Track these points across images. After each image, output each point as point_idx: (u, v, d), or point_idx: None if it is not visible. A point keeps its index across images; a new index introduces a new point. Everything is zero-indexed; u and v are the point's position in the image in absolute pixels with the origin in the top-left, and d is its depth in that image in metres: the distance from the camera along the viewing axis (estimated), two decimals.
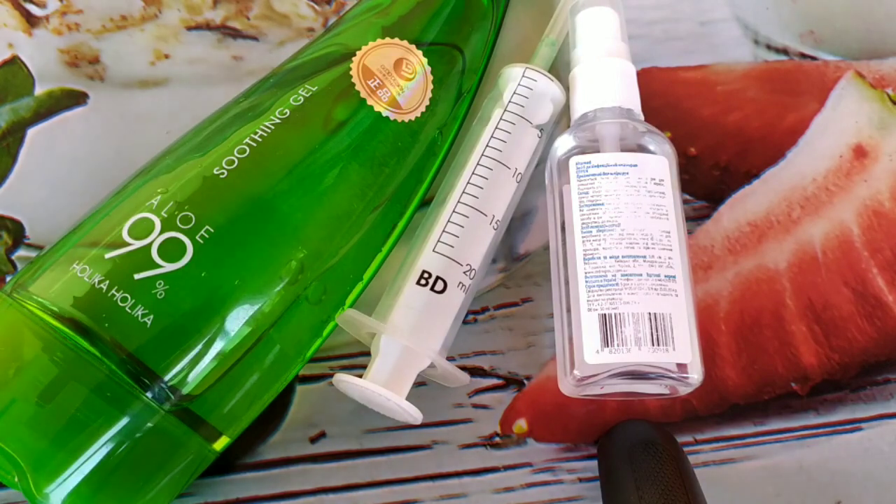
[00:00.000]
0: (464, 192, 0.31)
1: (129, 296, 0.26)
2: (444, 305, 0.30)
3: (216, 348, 0.27)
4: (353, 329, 0.31)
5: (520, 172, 0.32)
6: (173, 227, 0.27)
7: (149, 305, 0.26)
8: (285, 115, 0.29)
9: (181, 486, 0.28)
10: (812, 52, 0.38)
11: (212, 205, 0.27)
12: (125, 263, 0.26)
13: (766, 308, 0.34)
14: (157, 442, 0.26)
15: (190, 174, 0.28)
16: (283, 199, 0.28)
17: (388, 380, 0.29)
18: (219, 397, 0.27)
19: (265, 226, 0.28)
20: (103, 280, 0.26)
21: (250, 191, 0.28)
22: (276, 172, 0.28)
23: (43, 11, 0.36)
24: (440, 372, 0.30)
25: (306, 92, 0.30)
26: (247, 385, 0.28)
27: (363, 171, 0.30)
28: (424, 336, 0.29)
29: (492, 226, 0.31)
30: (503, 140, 0.32)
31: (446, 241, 0.30)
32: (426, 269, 0.30)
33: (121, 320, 0.25)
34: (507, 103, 0.33)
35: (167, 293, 0.26)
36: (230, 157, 0.28)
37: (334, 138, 0.30)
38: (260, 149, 0.28)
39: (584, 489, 0.32)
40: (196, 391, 0.26)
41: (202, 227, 0.27)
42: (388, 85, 0.31)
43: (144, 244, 0.26)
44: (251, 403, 0.29)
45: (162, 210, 0.27)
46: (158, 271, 0.26)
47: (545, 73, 0.33)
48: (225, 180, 0.28)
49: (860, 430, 0.33)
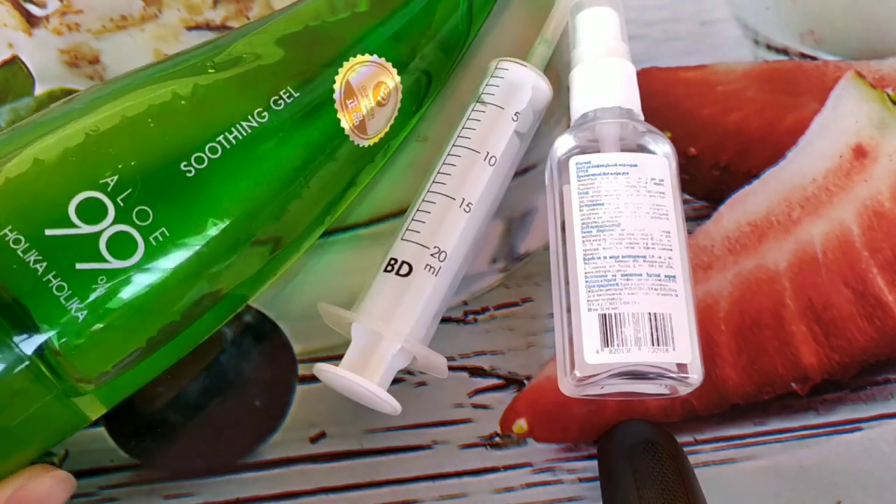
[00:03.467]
0: (433, 182, 0.31)
1: (66, 285, 0.24)
2: (410, 288, 0.30)
3: (127, 337, 0.26)
4: (336, 324, 0.31)
5: (493, 156, 0.32)
6: (128, 220, 0.25)
7: (85, 299, 0.24)
8: (263, 118, 0.28)
9: (41, 448, 0.27)
10: (812, 52, 0.38)
11: (172, 204, 0.26)
12: (68, 248, 0.24)
13: (766, 308, 0.34)
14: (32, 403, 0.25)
15: (155, 160, 0.26)
16: (234, 200, 0.27)
17: (358, 366, 0.29)
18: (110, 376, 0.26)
19: (209, 223, 0.26)
20: (41, 261, 0.24)
21: (211, 192, 0.26)
22: (244, 181, 0.27)
23: (43, 11, 0.36)
24: (421, 361, 0.30)
25: (288, 96, 0.28)
26: (140, 367, 0.27)
27: (313, 185, 0.29)
28: (392, 320, 0.29)
29: (462, 209, 0.31)
30: (473, 129, 0.32)
31: (414, 228, 0.31)
32: (393, 256, 0.30)
33: (51, 308, 0.24)
34: (480, 95, 0.33)
35: (107, 290, 0.25)
36: (200, 154, 0.26)
37: (300, 151, 0.29)
38: (231, 151, 0.27)
39: (584, 489, 0.32)
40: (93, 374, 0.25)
41: (158, 227, 0.25)
42: (363, 108, 0.30)
43: (93, 231, 0.24)
44: (136, 382, 0.28)
45: (118, 196, 0.25)
46: (104, 266, 0.25)
47: (518, 61, 0.33)
48: (190, 179, 0.26)
49: (860, 430, 0.33)
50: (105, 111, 0.26)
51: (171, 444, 0.32)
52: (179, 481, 0.31)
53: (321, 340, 0.33)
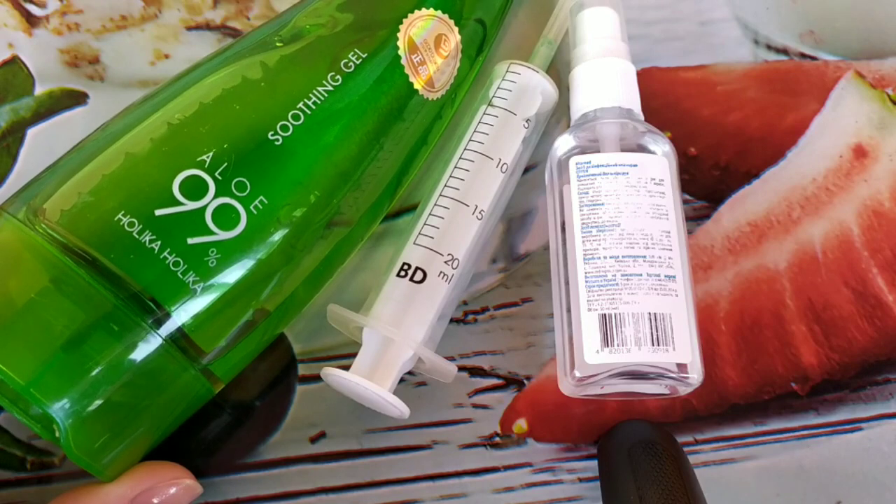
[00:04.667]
0: (446, 186, 0.31)
1: (182, 261, 0.25)
2: (424, 295, 0.30)
3: (237, 307, 0.27)
4: (343, 326, 0.31)
5: (505, 163, 0.32)
6: (228, 192, 0.26)
7: (200, 273, 0.26)
8: (337, 81, 0.29)
9: (176, 423, 0.28)
10: (812, 52, 0.38)
11: (266, 173, 0.27)
12: (178, 225, 0.26)
13: (766, 308, 0.34)
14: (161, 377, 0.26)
15: (244, 133, 0.27)
16: (321, 160, 0.28)
17: (369, 371, 0.29)
18: (225, 348, 0.27)
19: (305, 189, 0.28)
20: (155, 240, 0.25)
21: (300, 158, 0.28)
22: (322, 140, 0.28)
23: (43, 11, 0.36)
24: (428, 365, 0.30)
25: (356, 57, 0.29)
26: (249, 338, 0.28)
27: (388, 136, 0.30)
28: (405, 326, 0.29)
29: (475, 216, 0.31)
30: (486, 133, 0.32)
31: (427, 233, 0.31)
32: (406, 261, 0.30)
33: (170, 284, 0.25)
34: (491, 98, 0.33)
35: (218, 262, 0.26)
36: (284, 122, 0.28)
37: (375, 108, 0.30)
38: (312, 117, 0.28)
39: (584, 489, 0.32)
40: (210, 346, 0.27)
41: (257, 196, 0.27)
42: (428, 62, 0.31)
43: (198, 206, 0.26)
44: (247, 353, 0.29)
45: (216, 170, 0.26)
46: (212, 238, 0.26)
47: (530, 66, 0.33)
48: (279, 147, 0.27)
49: (860, 430, 0.33)
50: (180, 101, 0.28)
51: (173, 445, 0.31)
52: None
53: (321, 340, 0.33)
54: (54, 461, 0.31)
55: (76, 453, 0.25)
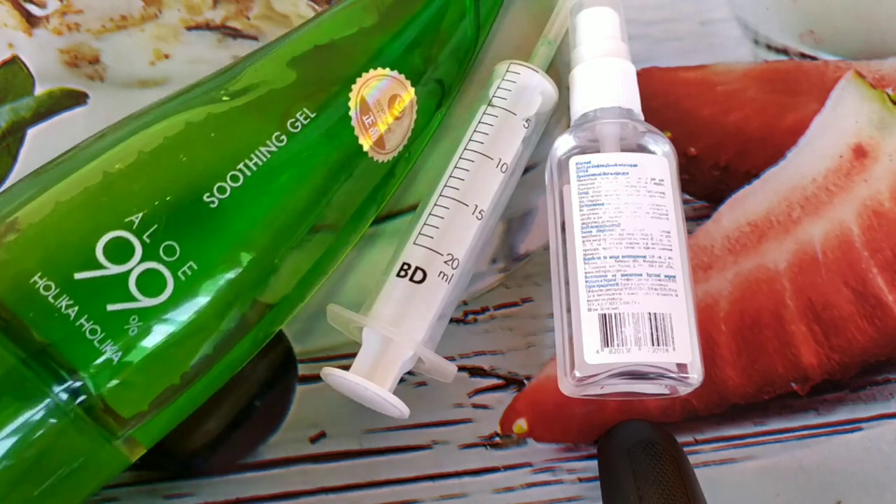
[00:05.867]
0: (445, 186, 0.31)
1: (100, 328, 0.24)
2: (424, 295, 0.30)
3: (162, 374, 0.26)
4: (343, 326, 0.31)
5: (505, 163, 0.32)
6: (155, 256, 0.25)
7: (119, 341, 0.24)
8: (281, 142, 0.27)
9: (89, 493, 0.26)
10: (812, 52, 0.38)
11: (198, 237, 0.26)
12: (98, 290, 0.24)
13: (766, 308, 0.34)
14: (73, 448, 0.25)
15: (178, 195, 0.26)
16: (260, 224, 0.27)
17: (369, 371, 0.29)
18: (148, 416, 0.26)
19: (237, 253, 0.26)
20: (72, 305, 0.24)
21: (236, 222, 0.26)
22: (261, 202, 0.27)
23: (43, 11, 0.36)
24: (428, 365, 0.30)
25: (304, 117, 0.28)
26: (177, 405, 0.27)
27: (334, 198, 0.29)
28: (405, 326, 0.29)
29: (475, 216, 0.31)
30: (485, 133, 0.32)
31: (427, 233, 0.31)
32: (406, 261, 0.30)
33: (86, 352, 0.24)
34: (490, 98, 0.33)
35: (139, 329, 0.24)
36: (221, 183, 0.26)
37: (322, 170, 0.29)
38: (252, 178, 0.27)
39: (584, 489, 0.32)
40: (129, 413, 0.25)
41: (186, 261, 0.25)
42: (380, 123, 0.30)
43: (122, 271, 0.24)
44: (175, 419, 0.28)
45: (144, 233, 0.25)
46: (135, 305, 0.24)
47: (530, 66, 0.33)
48: (214, 210, 0.26)
49: (860, 430, 0.33)
50: (121, 149, 0.26)
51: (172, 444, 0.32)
52: (179, 481, 0.31)
53: (321, 340, 0.33)
54: None
55: None
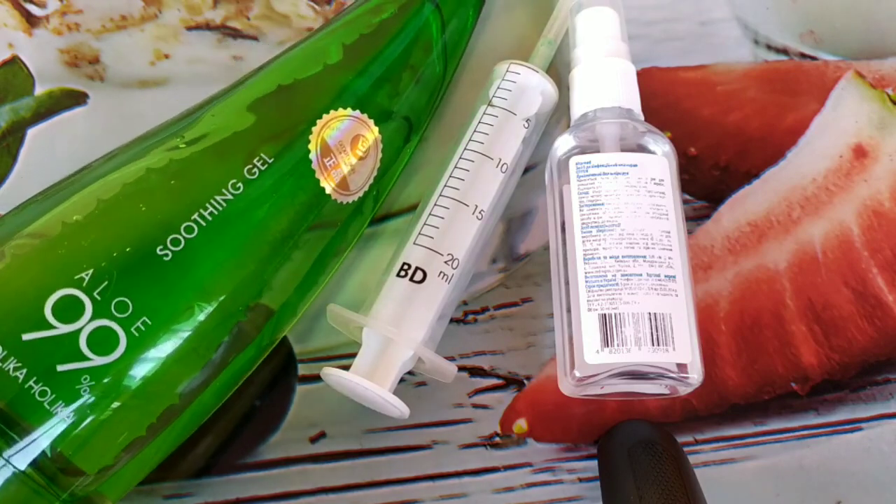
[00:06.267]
0: (445, 186, 0.31)
1: (49, 390, 0.23)
2: (424, 295, 0.30)
3: (123, 430, 0.25)
4: (343, 326, 0.31)
5: (505, 163, 0.32)
6: (107, 314, 0.24)
7: (70, 401, 0.23)
8: (238, 189, 0.26)
9: None
10: (812, 52, 0.38)
11: (151, 292, 0.25)
12: (47, 350, 0.23)
13: (766, 308, 0.34)
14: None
15: (129, 248, 0.25)
16: (215, 275, 0.26)
17: (369, 371, 0.29)
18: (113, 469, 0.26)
19: (194, 306, 0.26)
20: (20, 367, 0.23)
21: (192, 275, 0.25)
22: (216, 254, 0.26)
23: (43, 11, 0.36)
24: (428, 366, 0.30)
25: (262, 163, 0.27)
26: (143, 456, 0.26)
27: (297, 243, 0.28)
28: (405, 326, 0.29)
29: (475, 216, 0.31)
30: (485, 133, 0.32)
31: (427, 233, 0.31)
32: (406, 261, 0.30)
33: (37, 414, 0.23)
34: (490, 98, 0.33)
35: (91, 388, 0.24)
36: (175, 235, 0.25)
37: (282, 216, 0.28)
38: (207, 228, 0.26)
39: (584, 489, 0.32)
40: (93, 469, 0.25)
41: (139, 317, 0.24)
42: (343, 164, 0.29)
43: (71, 330, 0.24)
44: (143, 470, 0.27)
45: (94, 290, 0.24)
46: (86, 364, 0.24)
47: (530, 66, 0.33)
48: (167, 263, 0.25)
49: (860, 430, 0.33)
50: (80, 198, 0.26)
51: None
52: (179, 481, 0.31)
53: (321, 340, 0.33)
54: None
55: None
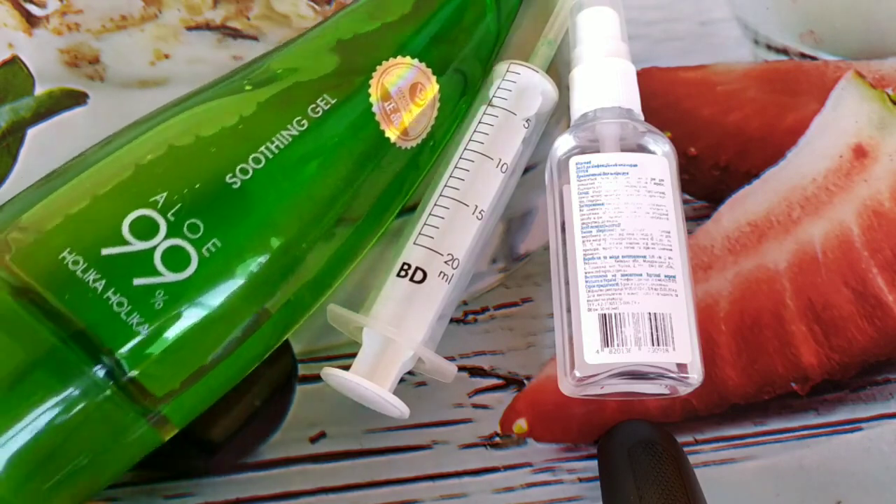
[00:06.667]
0: (446, 186, 0.31)
1: (126, 301, 0.25)
2: (424, 295, 0.30)
3: (193, 354, 0.26)
4: (342, 326, 0.31)
5: (505, 163, 0.32)
6: (180, 233, 0.25)
7: (145, 314, 0.25)
8: (303, 126, 0.28)
9: (121, 470, 0.27)
10: (812, 52, 0.38)
11: (221, 215, 0.26)
12: (124, 265, 0.25)
13: (766, 308, 0.34)
14: (105, 424, 0.25)
15: (201, 175, 0.27)
16: (283, 208, 0.28)
17: (370, 372, 0.29)
18: (179, 394, 0.27)
19: (262, 236, 0.27)
20: (99, 279, 0.24)
21: (258, 203, 0.27)
22: (283, 185, 0.28)
23: (43, 11, 0.36)
24: (428, 366, 0.30)
25: (325, 103, 0.29)
26: (207, 384, 0.27)
27: (360, 185, 0.30)
28: (405, 326, 0.29)
29: (475, 216, 0.31)
30: (485, 133, 0.32)
31: (427, 233, 0.31)
32: (406, 261, 0.30)
33: (113, 325, 0.24)
34: (490, 98, 0.33)
35: (165, 304, 0.25)
36: (244, 165, 0.27)
37: (344, 155, 0.29)
38: (274, 161, 0.27)
39: (584, 489, 0.32)
40: (161, 392, 0.26)
41: (210, 239, 0.26)
42: (402, 110, 0.30)
43: (147, 247, 0.25)
44: (206, 400, 0.28)
45: (168, 211, 0.26)
46: (160, 280, 0.25)
47: (530, 66, 0.33)
48: (236, 190, 0.27)
49: (860, 430, 0.33)
50: (148, 139, 0.27)
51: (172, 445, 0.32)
52: (179, 481, 0.31)
53: (321, 340, 0.33)
54: None
55: None
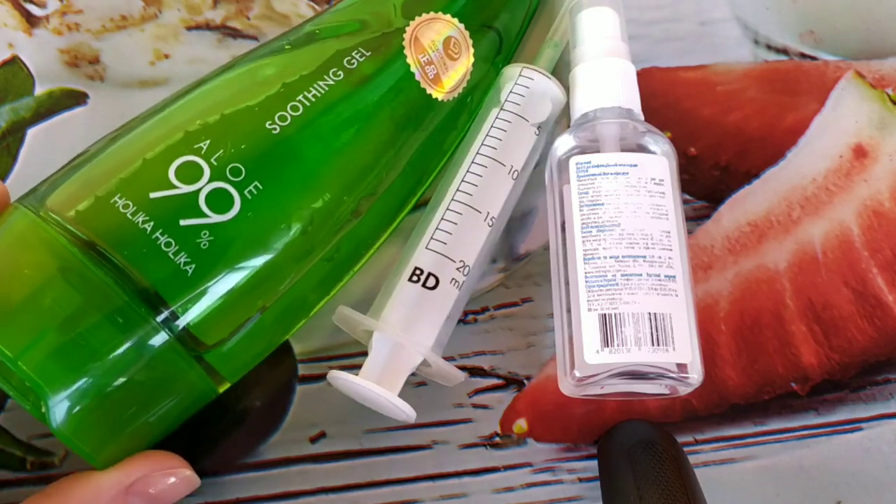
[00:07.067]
0: (458, 190, 0.31)
1: (174, 241, 0.26)
2: (435, 301, 0.30)
3: (239, 300, 0.27)
4: (349, 327, 0.31)
5: (516, 170, 0.32)
6: (222, 177, 0.27)
7: (192, 254, 0.26)
8: (339, 76, 0.29)
9: (178, 420, 0.28)
10: (812, 52, 0.38)
11: (262, 160, 0.28)
12: (171, 207, 0.26)
13: (766, 308, 0.34)
14: (161, 370, 0.26)
15: (242, 123, 0.28)
16: (323, 156, 0.29)
17: (379, 376, 0.29)
18: (227, 346, 0.28)
19: (303, 182, 0.28)
20: (148, 221, 0.26)
21: (298, 149, 0.28)
22: (322, 132, 0.29)
23: (43, 11, 0.36)
24: (435, 370, 0.30)
25: (360, 55, 0.30)
26: (254, 336, 0.28)
27: (396, 138, 0.31)
28: (416, 332, 0.29)
29: (486, 223, 0.31)
30: (498, 138, 0.32)
31: (439, 238, 0.31)
32: (418, 265, 0.30)
33: (162, 265, 0.26)
34: (503, 102, 0.33)
35: (210, 244, 0.26)
36: (283, 112, 0.28)
37: (379, 105, 0.30)
38: (312, 108, 0.29)
39: (584, 489, 0.32)
40: (211, 340, 0.27)
41: (251, 181, 0.27)
42: (436, 63, 0.31)
43: (192, 190, 0.26)
44: (254, 353, 0.29)
45: (212, 157, 0.27)
46: (205, 220, 0.26)
47: (543, 71, 0.33)
48: (276, 136, 0.28)
49: (860, 430, 0.33)
50: (186, 101, 0.29)
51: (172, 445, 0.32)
52: None
53: (321, 340, 0.33)
54: (54, 461, 0.31)
55: (60, 430, 0.25)
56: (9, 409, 0.32)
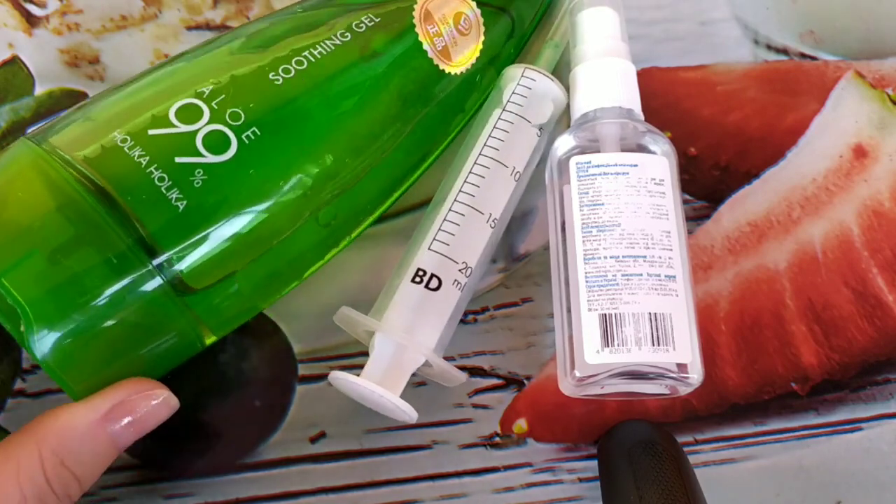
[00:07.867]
0: (460, 191, 0.31)
1: (167, 177, 0.26)
2: (438, 303, 0.30)
3: (229, 247, 0.27)
4: (350, 328, 0.31)
5: (518, 171, 0.32)
6: (221, 120, 0.27)
7: (184, 191, 0.26)
8: (346, 37, 0.30)
9: (163, 368, 0.28)
10: (812, 52, 0.38)
11: (262, 108, 0.28)
12: (168, 144, 0.27)
13: (766, 308, 0.34)
14: (150, 312, 0.26)
15: (245, 72, 0.29)
16: (325, 115, 0.29)
17: (381, 377, 0.29)
18: (215, 294, 0.28)
19: (302, 138, 0.29)
20: (144, 155, 0.26)
21: (299, 102, 0.29)
22: (325, 89, 0.29)
23: (43, 11, 0.36)
24: (437, 371, 0.30)
25: (369, 20, 0.31)
26: (243, 288, 0.29)
27: (402, 107, 0.31)
28: (418, 333, 0.29)
29: (489, 224, 0.31)
30: (501, 139, 0.32)
31: (442, 239, 0.30)
32: (421, 266, 0.30)
33: (152, 198, 0.26)
34: (505, 103, 0.33)
35: (204, 183, 0.26)
36: (287, 65, 0.29)
37: (385, 70, 0.30)
38: (316, 64, 0.29)
39: (584, 489, 0.32)
40: (198, 284, 0.27)
41: (249, 126, 0.27)
42: (445, 34, 0.32)
43: (190, 129, 0.27)
44: (242, 307, 0.29)
45: (213, 101, 0.27)
46: (200, 160, 0.27)
47: (545, 73, 0.33)
48: (278, 87, 0.28)
49: (860, 430, 0.33)
50: (195, 54, 0.30)
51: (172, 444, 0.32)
52: (179, 481, 0.31)
53: (321, 340, 0.33)
54: None
55: (45, 360, 0.25)
56: (9, 409, 0.32)
